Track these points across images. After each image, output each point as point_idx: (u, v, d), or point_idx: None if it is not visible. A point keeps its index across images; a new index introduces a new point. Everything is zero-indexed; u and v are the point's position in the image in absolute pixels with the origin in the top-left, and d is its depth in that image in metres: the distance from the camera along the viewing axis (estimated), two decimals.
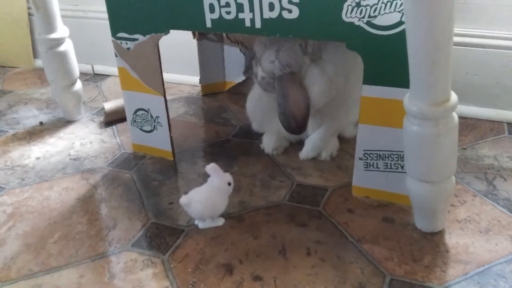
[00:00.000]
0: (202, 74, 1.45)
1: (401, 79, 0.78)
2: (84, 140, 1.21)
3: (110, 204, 0.94)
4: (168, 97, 1.06)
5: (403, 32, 0.73)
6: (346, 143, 1.11)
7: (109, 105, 1.29)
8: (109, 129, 1.26)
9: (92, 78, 1.67)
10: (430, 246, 0.79)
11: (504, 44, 1.16)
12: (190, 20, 0.90)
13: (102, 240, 0.84)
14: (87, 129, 1.27)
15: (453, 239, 0.80)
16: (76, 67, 1.27)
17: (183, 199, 0.84)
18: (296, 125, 0.90)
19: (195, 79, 1.50)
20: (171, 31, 0.94)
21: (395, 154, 0.86)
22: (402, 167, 0.86)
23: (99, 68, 1.70)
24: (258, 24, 0.85)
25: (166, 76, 1.05)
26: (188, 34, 1.35)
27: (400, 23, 0.75)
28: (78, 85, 1.30)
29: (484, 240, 0.80)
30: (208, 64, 1.43)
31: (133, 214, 0.91)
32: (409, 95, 0.72)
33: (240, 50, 1.36)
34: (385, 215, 0.87)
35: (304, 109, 0.90)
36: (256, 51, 0.97)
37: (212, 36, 1.38)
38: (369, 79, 0.82)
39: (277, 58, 0.91)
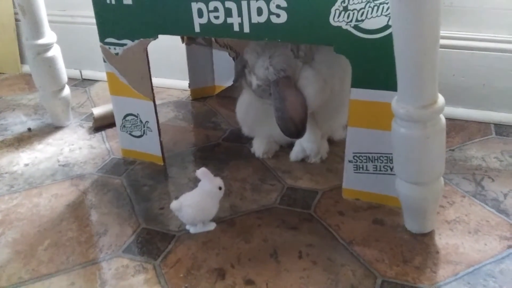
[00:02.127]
0: (191, 78, 1.45)
1: (389, 82, 0.78)
2: (73, 146, 1.20)
3: (100, 210, 0.94)
4: (157, 102, 1.05)
5: (390, 35, 0.73)
6: (336, 145, 1.12)
7: (98, 111, 1.29)
8: (98, 135, 1.26)
9: (81, 83, 1.66)
10: (420, 247, 0.80)
11: (490, 46, 1.17)
12: (179, 25, 0.91)
13: (93, 247, 0.84)
14: (76, 135, 1.26)
15: (443, 240, 0.81)
16: (64, 73, 1.26)
17: (174, 204, 0.84)
18: (295, 128, 0.90)
19: (184, 83, 1.50)
20: (159, 36, 0.94)
21: (384, 156, 0.87)
22: (391, 169, 0.87)
23: (88, 73, 1.69)
24: (246, 29, 0.85)
25: (155, 80, 1.05)
26: (176, 39, 1.35)
27: (387, 26, 0.75)
28: (67, 90, 1.29)
29: (473, 240, 0.81)
30: (197, 68, 1.43)
31: (123, 220, 0.90)
32: (397, 97, 0.73)
33: (229, 54, 1.37)
34: (375, 217, 0.88)
35: (302, 112, 0.90)
36: (248, 60, 0.97)
37: (200, 40, 1.39)
38: (357, 82, 0.82)
39: (271, 64, 0.92)
